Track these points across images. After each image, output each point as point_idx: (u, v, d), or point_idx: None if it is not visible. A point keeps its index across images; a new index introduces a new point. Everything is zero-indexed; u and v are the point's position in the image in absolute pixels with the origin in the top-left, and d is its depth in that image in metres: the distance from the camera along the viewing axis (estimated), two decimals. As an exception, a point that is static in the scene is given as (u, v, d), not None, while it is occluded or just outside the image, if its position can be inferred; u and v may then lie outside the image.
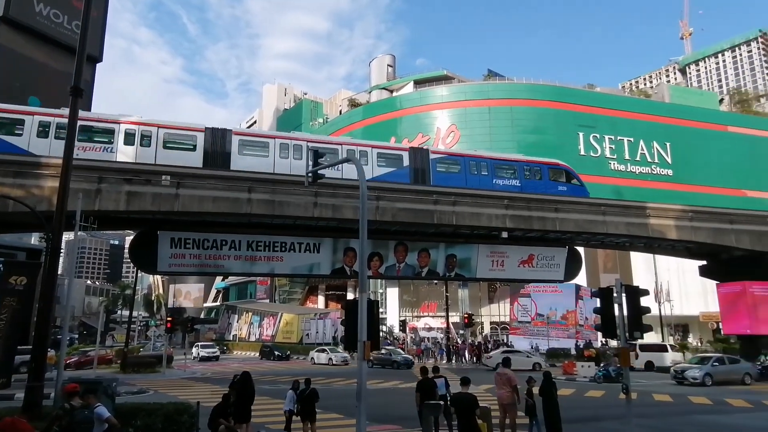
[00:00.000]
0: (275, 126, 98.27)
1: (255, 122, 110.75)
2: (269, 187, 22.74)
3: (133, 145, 21.76)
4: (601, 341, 40.28)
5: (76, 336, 61.46)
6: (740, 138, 68.41)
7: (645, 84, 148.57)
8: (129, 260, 27.46)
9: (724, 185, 60.66)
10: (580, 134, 62.31)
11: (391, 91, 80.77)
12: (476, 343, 43.78)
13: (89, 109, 29.29)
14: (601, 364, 28.60)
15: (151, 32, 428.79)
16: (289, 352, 46.75)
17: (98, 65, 38.22)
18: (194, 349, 45.21)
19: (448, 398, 11.43)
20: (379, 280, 55.94)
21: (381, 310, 58.24)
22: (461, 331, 49.27)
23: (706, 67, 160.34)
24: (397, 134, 63.86)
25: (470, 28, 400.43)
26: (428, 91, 69.67)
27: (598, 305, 11.03)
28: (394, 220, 24.82)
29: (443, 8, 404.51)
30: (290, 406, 12.00)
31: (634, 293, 10.61)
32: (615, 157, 61.36)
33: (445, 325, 46.52)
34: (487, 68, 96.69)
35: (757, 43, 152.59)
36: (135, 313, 58.98)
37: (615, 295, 10.59)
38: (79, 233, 15.39)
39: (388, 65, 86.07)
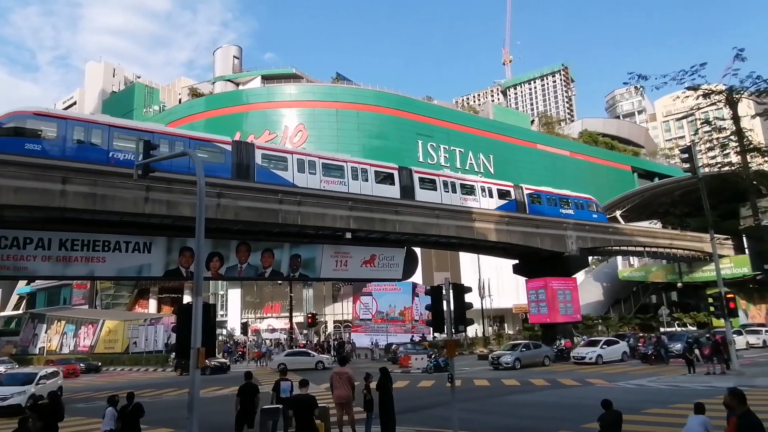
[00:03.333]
0: (100, 109, 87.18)
1: (75, 103, 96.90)
2: (90, 178, 20.06)
3: (357, 180, 27.50)
4: (433, 335, 43.76)
5: None
6: (545, 155, 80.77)
7: (474, 101, 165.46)
8: None
9: (534, 195, 70.71)
10: (419, 142, 67.12)
11: (237, 84, 77.43)
12: (320, 343, 44.22)
13: None
14: (432, 356, 31.04)
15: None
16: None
17: None
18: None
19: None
20: (220, 281, 53.15)
21: (221, 312, 55.38)
22: (305, 331, 49.29)
23: (521, 91, 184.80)
24: (242, 129, 61.47)
25: (320, 29, 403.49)
26: (277, 88, 68.41)
27: (430, 302, 11.94)
28: (237, 219, 23.82)
29: (293, 5, 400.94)
30: (110, 425, 10.73)
31: (460, 291, 11.71)
32: (449, 165, 67.17)
33: (288, 326, 46.05)
34: (336, 71, 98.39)
35: (560, 74, 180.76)
36: None
37: (444, 292, 11.57)
38: None
39: (235, 57, 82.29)
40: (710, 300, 25.56)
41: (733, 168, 12.34)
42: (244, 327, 49.73)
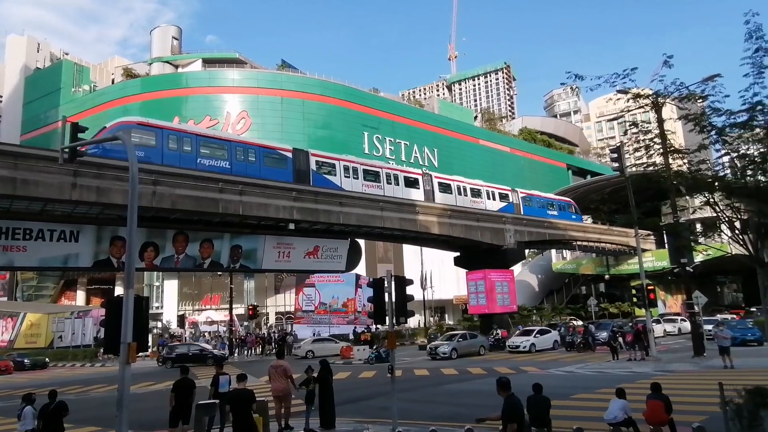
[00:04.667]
0: (22, 86, 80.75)
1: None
2: (9, 161, 18.63)
3: (390, 184, 30.65)
4: (376, 326, 44.11)
5: None
6: (487, 150, 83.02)
7: (420, 95, 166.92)
8: None
9: (476, 189, 72.66)
10: (365, 134, 66.98)
11: (176, 67, 73.95)
12: (261, 335, 43.46)
13: None
14: (374, 347, 31.31)
15: None
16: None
17: None
18: None
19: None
20: (155, 272, 50.92)
21: (156, 304, 53.13)
22: (245, 323, 48.29)
23: (466, 87, 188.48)
24: (182, 114, 58.90)
25: (265, 13, 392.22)
26: (218, 73, 66.00)
27: (373, 295, 12.01)
28: (174, 208, 22.91)
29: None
30: (30, 425, 10.06)
31: (401, 283, 11.86)
32: (394, 157, 67.56)
33: (228, 318, 44.92)
34: (281, 58, 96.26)
35: (503, 72, 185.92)
36: None
37: (386, 285, 11.67)
38: None
39: (173, 37, 78.35)
40: (633, 291, 27.33)
41: (656, 168, 13.15)
42: (181, 319, 48.07)
